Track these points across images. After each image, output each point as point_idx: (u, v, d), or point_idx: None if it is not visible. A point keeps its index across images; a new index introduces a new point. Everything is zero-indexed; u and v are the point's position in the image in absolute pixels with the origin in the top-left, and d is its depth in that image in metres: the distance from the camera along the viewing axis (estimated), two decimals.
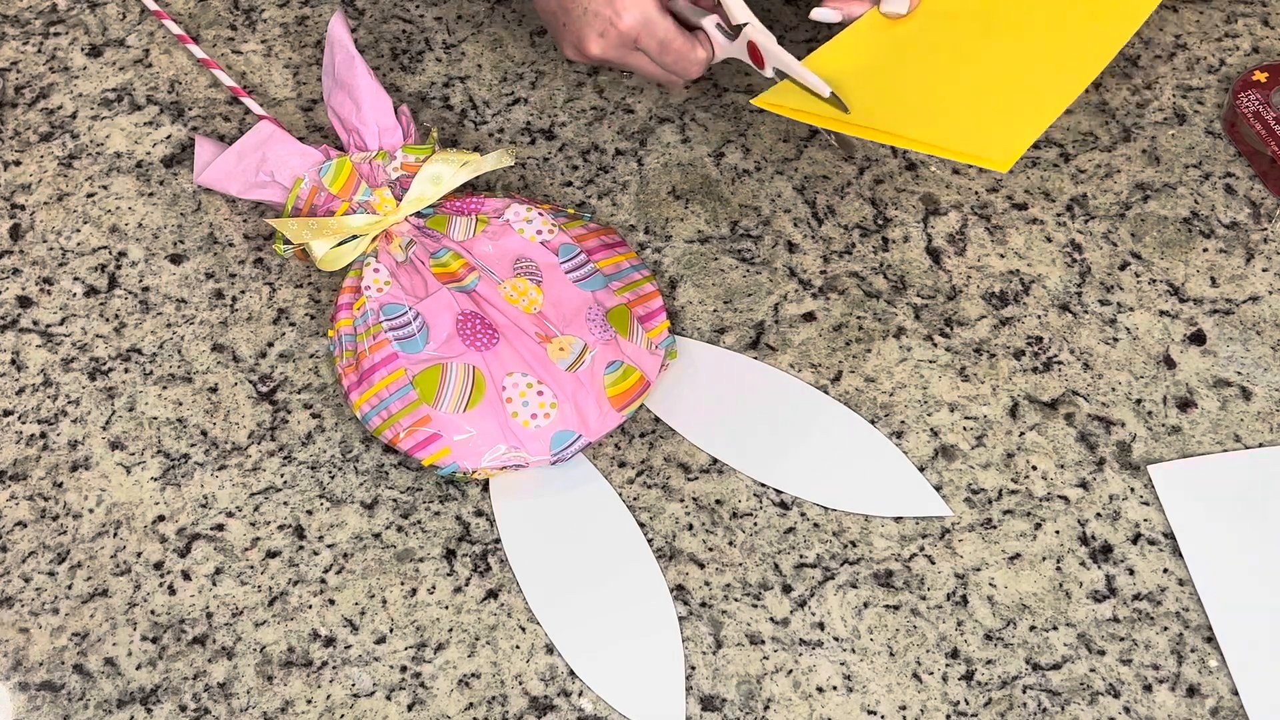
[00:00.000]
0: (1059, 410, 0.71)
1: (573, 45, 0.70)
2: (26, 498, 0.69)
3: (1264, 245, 0.76)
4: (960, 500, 0.68)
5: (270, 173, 0.74)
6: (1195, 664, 0.64)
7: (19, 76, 0.83)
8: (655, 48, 0.70)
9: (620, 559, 0.67)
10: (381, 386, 0.69)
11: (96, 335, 0.74)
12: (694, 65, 0.71)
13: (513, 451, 0.68)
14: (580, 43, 0.70)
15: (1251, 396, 0.71)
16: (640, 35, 0.69)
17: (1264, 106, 0.78)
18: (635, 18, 0.68)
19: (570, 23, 0.69)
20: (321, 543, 0.67)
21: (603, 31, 0.69)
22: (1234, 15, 0.84)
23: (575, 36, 0.70)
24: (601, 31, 0.69)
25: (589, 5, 0.68)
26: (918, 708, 0.63)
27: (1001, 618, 0.65)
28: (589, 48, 0.70)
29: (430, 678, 0.64)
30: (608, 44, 0.69)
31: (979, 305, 0.74)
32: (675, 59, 0.70)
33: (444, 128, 0.81)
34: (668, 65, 0.71)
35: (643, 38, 0.69)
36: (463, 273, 0.72)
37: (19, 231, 0.77)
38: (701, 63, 0.71)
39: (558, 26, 0.71)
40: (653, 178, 0.79)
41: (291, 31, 0.85)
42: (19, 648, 0.65)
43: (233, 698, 0.63)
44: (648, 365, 0.70)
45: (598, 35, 0.69)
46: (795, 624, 0.65)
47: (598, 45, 0.69)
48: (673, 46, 0.70)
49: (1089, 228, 0.77)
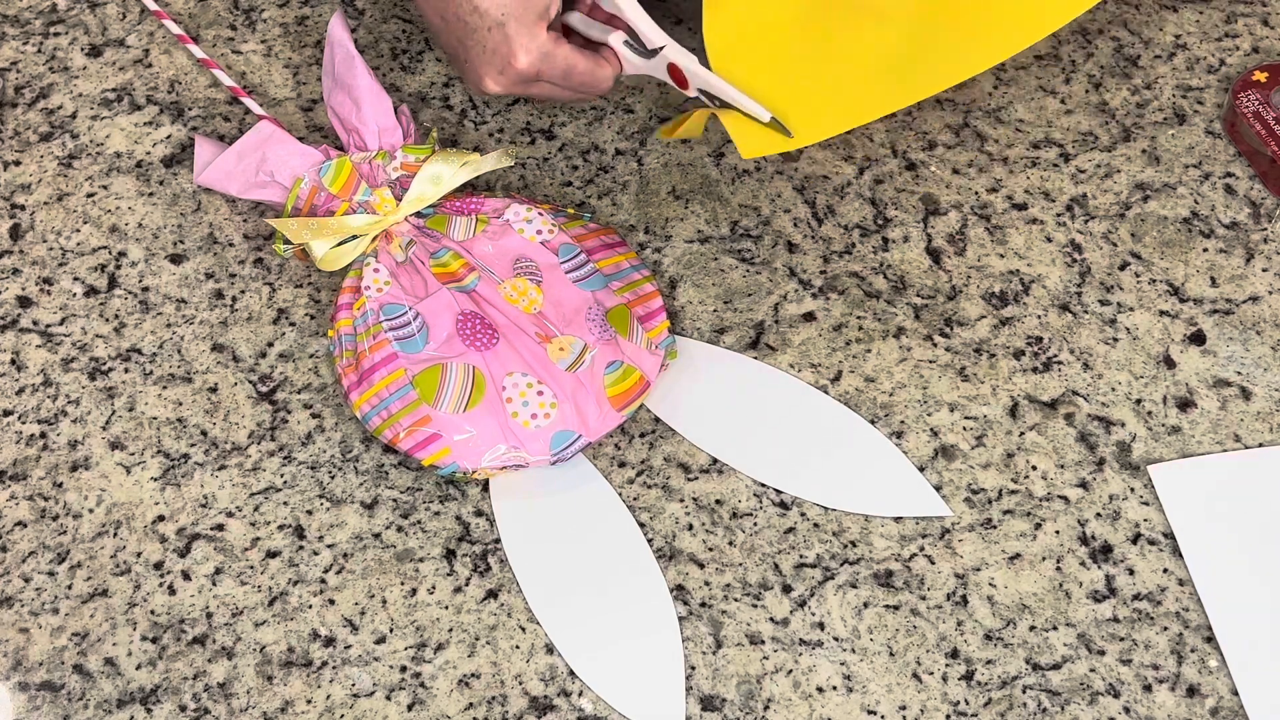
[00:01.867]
0: (1059, 410, 0.71)
1: (473, 83, 0.70)
2: (26, 498, 0.69)
3: (1264, 245, 0.76)
4: (960, 500, 0.68)
5: (270, 173, 0.74)
6: (1195, 664, 0.64)
7: (19, 76, 0.83)
8: (559, 77, 0.69)
9: (620, 559, 0.67)
10: (381, 386, 0.69)
11: (96, 335, 0.74)
12: (601, 84, 0.70)
13: (513, 451, 0.68)
14: (479, 81, 0.70)
15: (1251, 396, 0.71)
16: (540, 70, 0.68)
17: (1264, 106, 0.78)
18: (532, 56, 0.68)
19: (470, 60, 0.69)
20: (321, 543, 0.67)
21: (501, 69, 0.68)
22: (1234, 15, 0.84)
23: (474, 75, 0.70)
24: (501, 69, 0.68)
25: (485, 43, 0.68)
26: (918, 708, 0.63)
27: (1001, 618, 0.65)
28: (487, 86, 0.70)
29: (430, 678, 0.64)
30: (508, 81, 0.69)
31: (979, 305, 0.74)
32: (581, 82, 0.70)
33: (444, 128, 0.81)
34: (574, 89, 0.71)
35: (544, 72, 0.69)
36: (463, 273, 0.72)
37: (19, 231, 0.77)
38: (609, 79, 0.71)
39: (459, 63, 0.71)
40: (653, 178, 0.79)
41: (291, 31, 0.85)
42: (19, 648, 0.65)
43: (233, 698, 0.63)
44: (648, 365, 0.70)
45: (497, 73, 0.69)
46: (795, 624, 0.65)
47: (497, 83, 0.69)
48: (576, 72, 0.69)
49: (1089, 228, 0.77)
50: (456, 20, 0.69)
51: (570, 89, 0.71)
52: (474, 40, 0.68)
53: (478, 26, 0.68)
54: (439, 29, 0.71)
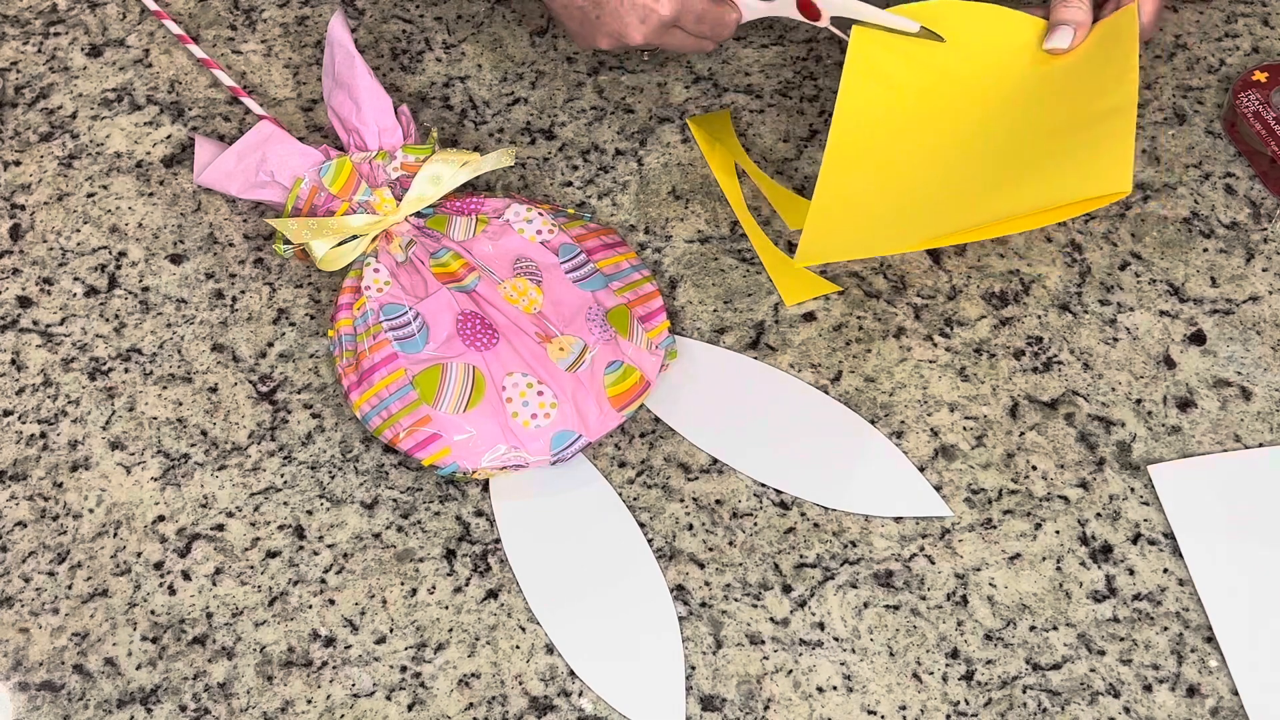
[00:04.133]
0: (1059, 410, 0.71)
1: (610, 35, 0.72)
2: (26, 498, 0.69)
3: (1264, 245, 0.76)
4: (960, 500, 0.68)
5: (270, 173, 0.74)
6: (1195, 664, 0.64)
7: (19, 76, 0.83)
8: (691, 23, 0.72)
9: (620, 559, 0.67)
10: (381, 386, 0.69)
11: (96, 335, 0.74)
12: (727, 29, 0.74)
13: (513, 451, 0.68)
14: (621, 32, 0.72)
15: (1251, 396, 0.71)
16: (679, 15, 0.71)
17: (1264, 106, 0.78)
18: (674, 1, 0.70)
19: (605, 15, 0.71)
20: (321, 543, 0.67)
21: (644, 18, 0.71)
22: (1234, 15, 0.84)
23: (614, 27, 0.72)
24: (643, 18, 0.71)
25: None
26: (918, 708, 0.63)
27: (1001, 618, 0.65)
28: (631, 36, 0.72)
29: (430, 678, 0.64)
30: (649, 29, 0.71)
31: (979, 305, 0.74)
32: (710, 27, 0.73)
33: (444, 128, 0.81)
34: (703, 34, 0.73)
35: (682, 17, 0.71)
36: (463, 273, 0.72)
37: (19, 231, 0.77)
38: (734, 23, 0.74)
39: (587, 20, 0.72)
40: (653, 178, 0.79)
41: (291, 31, 0.85)
42: (19, 648, 0.65)
43: (233, 698, 0.63)
44: (648, 365, 0.70)
45: (639, 22, 0.71)
46: (795, 624, 0.65)
47: (640, 32, 0.71)
48: (708, 17, 0.72)
49: (1089, 228, 0.77)
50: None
51: (699, 35, 0.73)
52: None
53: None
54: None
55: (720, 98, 0.82)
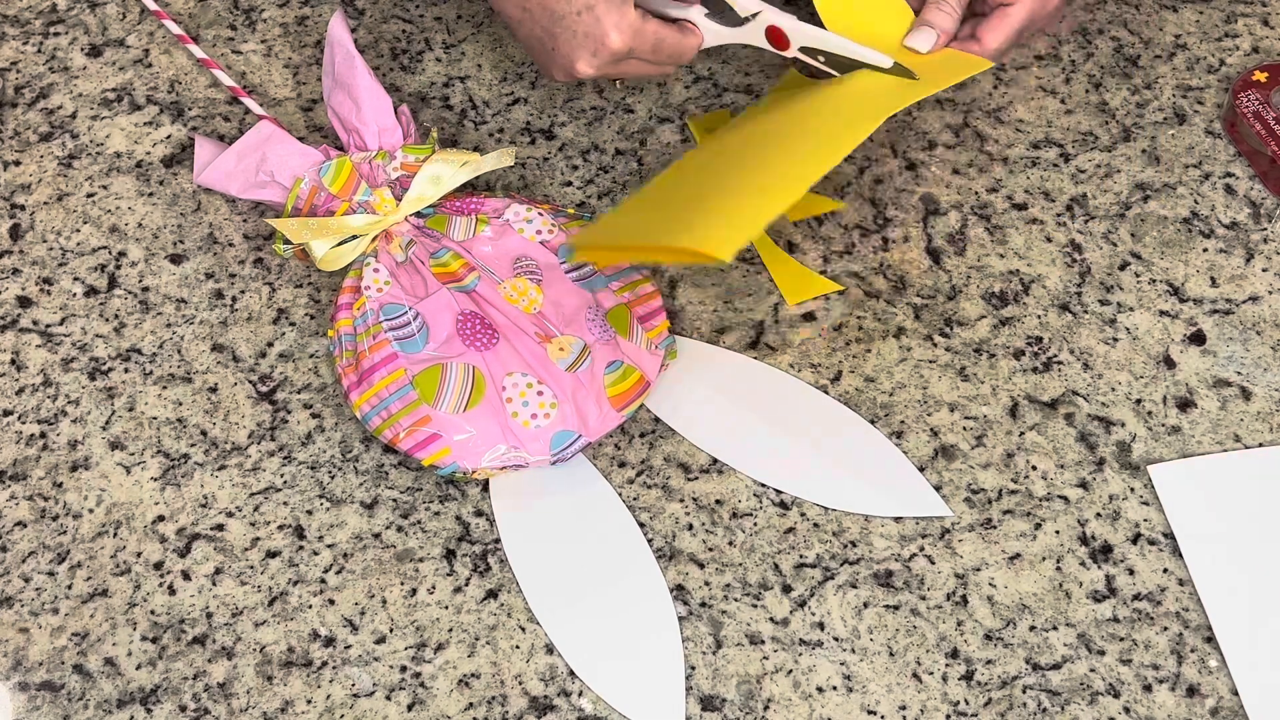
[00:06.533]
0: (1059, 410, 0.71)
1: (562, 69, 0.70)
2: (26, 498, 0.69)
3: (1264, 245, 0.76)
4: (960, 500, 0.68)
5: (270, 173, 0.74)
6: (1195, 664, 0.64)
7: (19, 76, 0.83)
8: (649, 52, 0.70)
9: (620, 559, 0.67)
10: (381, 386, 0.69)
11: (96, 335, 0.74)
12: (687, 54, 0.71)
13: (513, 451, 0.68)
14: (570, 65, 0.70)
15: (1251, 396, 0.71)
16: (633, 46, 0.69)
17: (1264, 106, 0.78)
18: (625, 34, 0.68)
19: (559, 46, 0.69)
20: (321, 543, 0.67)
21: (594, 51, 0.69)
22: (1234, 15, 0.84)
23: (565, 60, 0.70)
24: (594, 51, 0.69)
25: (576, 28, 0.68)
26: (918, 708, 0.63)
27: (1001, 618, 0.65)
28: (580, 69, 0.70)
29: (430, 678, 0.64)
30: (600, 62, 0.69)
31: (979, 305, 0.74)
32: (669, 54, 0.71)
33: (444, 128, 0.81)
34: (663, 61, 0.71)
35: (636, 48, 0.69)
36: (463, 273, 0.72)
37: (19, 231, 0.77)
38: (694, 49, 0.72)
39: (545, 52, 0.71)
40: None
41: (291, 31, 0.85)
42: (19, 648, 0.65)
43: (233, 698, 0.63)
44: (648, 365, 0.70)
45: (590, 55, 0.69)
46: (795, 624, 0.65)
47: (590, 65, 0.69)
48: (666, 44, 0.70)
49: (1089, 228, 0.77)
50: (541, 9, 0.69)
51: (657, 63, 0.71)
52: (562, 27, 0.68)
53: (566, 12, 0.68)
54: (519, 20, 0.70)
55: (720, 98, 0.82)
